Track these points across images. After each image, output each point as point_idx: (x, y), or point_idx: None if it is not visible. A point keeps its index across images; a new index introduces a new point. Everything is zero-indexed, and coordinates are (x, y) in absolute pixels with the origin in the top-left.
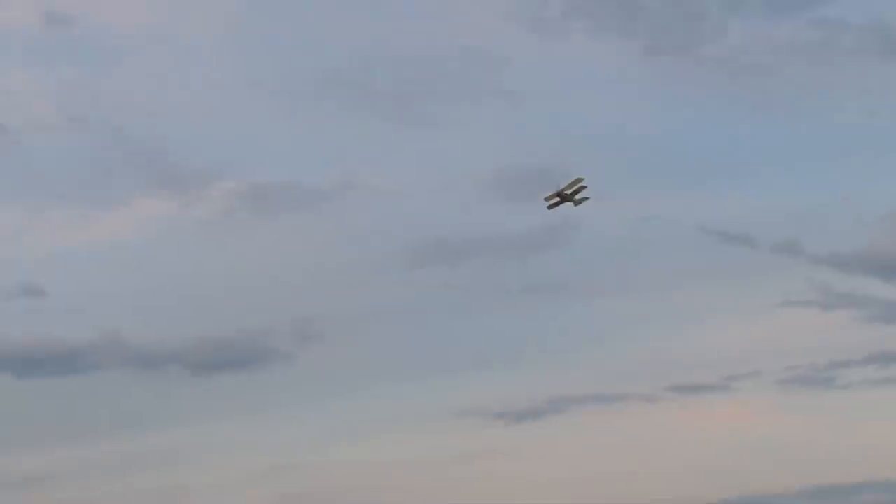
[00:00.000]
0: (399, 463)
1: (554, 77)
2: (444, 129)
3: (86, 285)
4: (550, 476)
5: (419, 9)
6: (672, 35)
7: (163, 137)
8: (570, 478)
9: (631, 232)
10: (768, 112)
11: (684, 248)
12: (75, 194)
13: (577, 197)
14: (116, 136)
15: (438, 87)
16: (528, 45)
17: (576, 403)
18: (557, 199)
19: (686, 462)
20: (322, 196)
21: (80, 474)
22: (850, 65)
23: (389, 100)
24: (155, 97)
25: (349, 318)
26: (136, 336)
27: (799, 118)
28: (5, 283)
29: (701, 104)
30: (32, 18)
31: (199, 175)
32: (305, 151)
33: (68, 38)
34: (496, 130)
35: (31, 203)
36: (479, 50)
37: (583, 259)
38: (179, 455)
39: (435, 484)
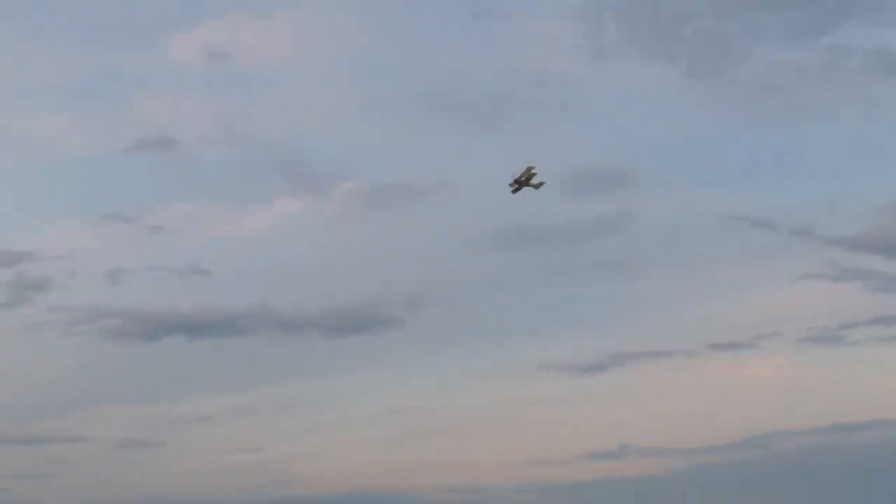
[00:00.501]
0: (490, 406)
1: (610, 95)
2: (520, 137)
3: (240, 266)
4: (612, 417)
5: (499, 39)
6: (707, 60)
7: (299, 148)
8: (628, 419)
9: (675, 220)
10: (787, 121)
11: (719, 232)
12: (231, 195)
13: (533, 182)
14: (263, 147)
15: (515, 103)
16: (589, 68)
17: (632, 359)
18: (517, 186)
19: (721, 406)
20: (424, 193)
21: (238, 415)
22: (858, 82)
23: (475, 114)
24: (292, 116)
25: (449, 290)
26: (281, 306)
27: (813, 126)
28: (178, 264)
29: (731, 116)
30: (197, 55)
31: (327, 178)
32: (411, 157)
33: (225, 70)
34: (563, 138)
35: (198, 202)
36: (548, 72)
37: (638, 242)
38: (315, 400)
39: (521, 423)
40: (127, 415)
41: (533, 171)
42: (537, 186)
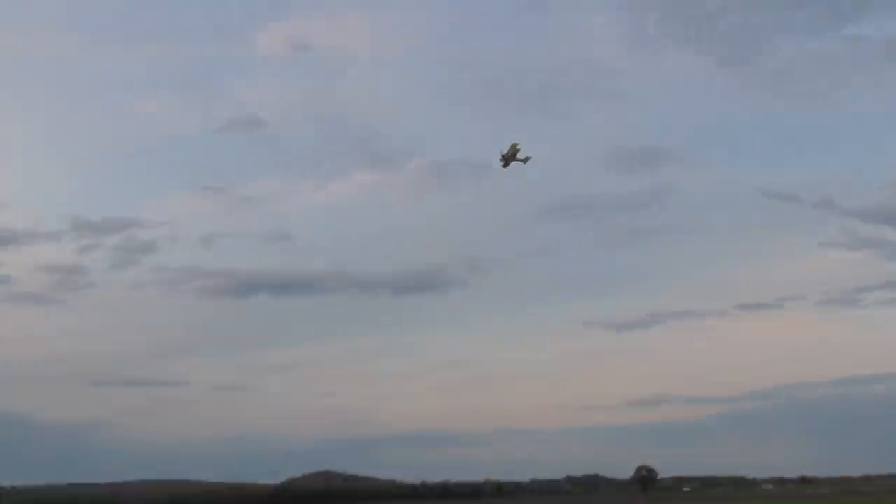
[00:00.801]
0: (540, 358)
1: (650, 81)
2: (568, 118)
3: (321, 232)
4: (650, 369)
5: (551, 30)
6: (738, 51)
7: (374, 127)
8: (665, 371)
9: (708, 193)
10: (810, 105)
11: (747, 204)
12: (312, 169)
13: (519, 157)
14: (341, 127)
15: (564, 88)
16: (632, 57)
17: (669, 317)
18: (505, 161)
19: (748, 360)
20: (484, 168)
21: (318, 364)
22: (875, 69)
23: (530, 98)
24: (367, 99)
25: (507, 255)
26: (356, 268)
27: (833, 110)
28: (265, 231)
29: (759, 100)
30: (282, 45)
31: (398, 154)
32: (472, 136)
33: (307, 58)
34: (607, 119)
35: (282, 175)
36: (596, 60)
37: (675, 212)
38: (386, 352)
39: (568, 373)
40: (221, 362)
41: (517, 147)
42: (525, 160)
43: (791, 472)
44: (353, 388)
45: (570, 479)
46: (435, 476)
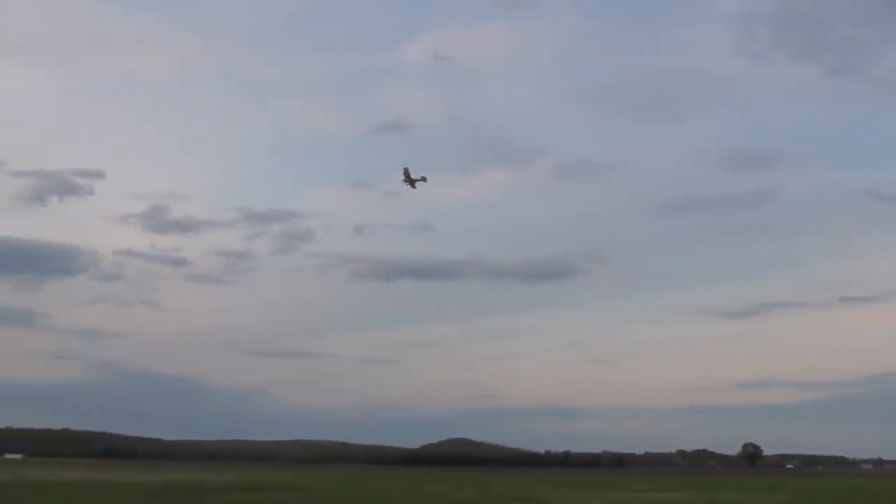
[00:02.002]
0: (655, 342)
1: (762, 88)
2: (685, 123)
3: (458, 224)
4: (759, 354)
5: (667, 42)
6: (845, 61)
7: (507, 130)
8: (772, 356)
9: (816, 193)
10: None
11: (851, 204)
12: (451, 167)
13: (416, 177)
14: (478, 129)
15: (681, 95)
16: (744, 66)
17: (776, 307)
18: (409, 182)
19: (850, 349)
20: (606, 168)
21: (455, 342)
22: None
23: (648, 104)
24: (500, 104)
25: (626, 247)
26: (490, 257)
27: None
28: (409, 222)
29: (865, 107)
30: (425, 56)
31: (528, 154)
32: (595, 138)
33: (448, 67)
34: (721, 124)
35: (425, 173)
36: (710, 71)
37: (783, 211)
38: (515, 332)
39: (680, 357)
40: (369, 338)
41: (407, 170)
42: (423, 179)
43: (890, 455)
44: (486, 365)
45: (682, 454)
46: (557, 446)
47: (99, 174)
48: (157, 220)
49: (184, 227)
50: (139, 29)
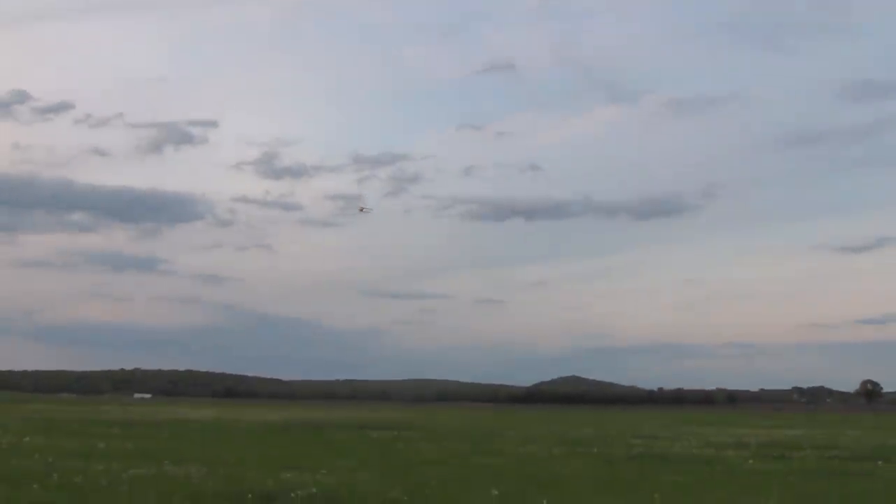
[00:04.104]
0: (771, 279)
1: (881, 15)
2: (801, 55)
3: (567, 163)
4: (877, 290)
5: None
6: None
7: (615, 66)
8: (891, 292)
9: None
10: None
11: None
12: (560, 106)
13: (365, 209)
14: (586, 67)
15: (796, 26)
16: None
17: (891, 241)
18: (361, 209)
19: None
20: (720, 103)
21: (565, 281)
22: None
23: (762, 37)
24: (609, 41)
25: (738, 183)
26: (599, 195)
27: None
28: (518, 162)
29: None
30: None
31: (638, 91)
32: (708, 72)
33: (554, 5)
34: (838, 54)
35: (533, 113)
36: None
37: None
38: (626, 270)
39: (796, 293)
40: (481, 278)
41: (367, 209)
42: (368, 210)
43: None
44: (597, 303)
45: (797, 390)
46: (670, 384)
47: (212, 123)
48: (269, 167)
49: (295, 172)
50: None
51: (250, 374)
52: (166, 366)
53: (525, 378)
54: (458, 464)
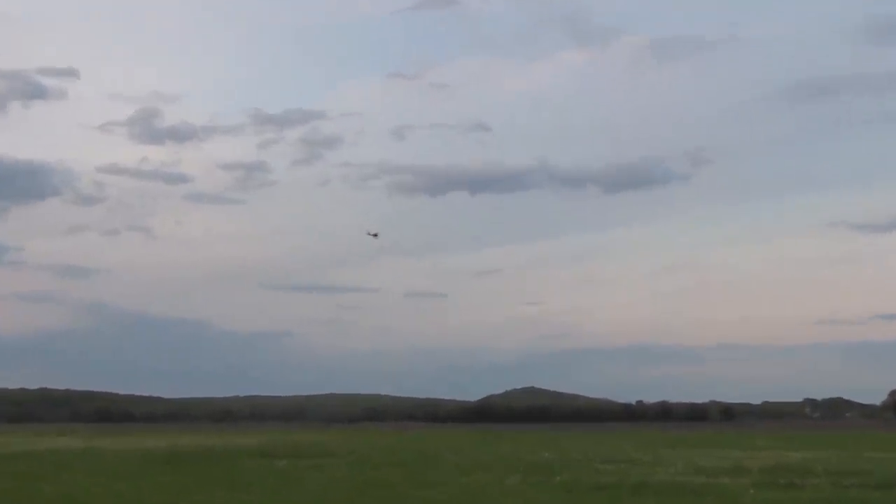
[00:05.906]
0: (775, 264)
1: None
2: None
3: (522, 122)
4: (887, 268)
5: None
6: None
7: (585, 2)
8: None
9: None
10: None
11: None
12: (513, 50)
13: (373, 234)
14: (548, 3)
15: None
16: None
17: None
18: (370, 234)
19: None
20: (711, 46)
21: (519, 269)
22: None
23: None
24: None
25: (735, 145)
26: (560, 162)
27: None
28: (461, 121)
29: None
30: None
31: (613, 31)
32: (697, 9)
33: None
34: None
35: (480, 58)
36: None
37: None
38: (595, 255)
39: (806, 282)
40: (414, 267)
41: (375, 234)
42: (374, 236)
43: None
44: (560, 297)
45: (810, 403)
46: (652, 395)
47: (72, 73)
48: (146, 128)
49: (180, 135)
50: None
51: (123, 391)
52: (13, 384)
53: (471, 391)
54: (389, 498)
